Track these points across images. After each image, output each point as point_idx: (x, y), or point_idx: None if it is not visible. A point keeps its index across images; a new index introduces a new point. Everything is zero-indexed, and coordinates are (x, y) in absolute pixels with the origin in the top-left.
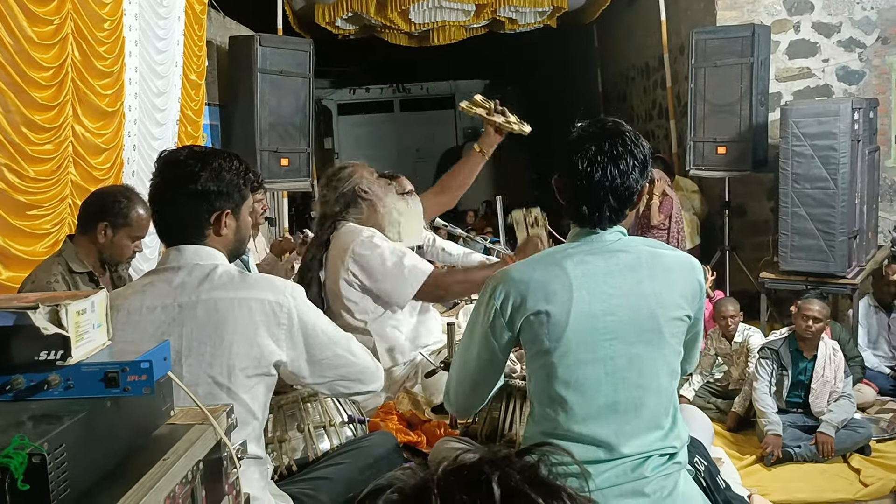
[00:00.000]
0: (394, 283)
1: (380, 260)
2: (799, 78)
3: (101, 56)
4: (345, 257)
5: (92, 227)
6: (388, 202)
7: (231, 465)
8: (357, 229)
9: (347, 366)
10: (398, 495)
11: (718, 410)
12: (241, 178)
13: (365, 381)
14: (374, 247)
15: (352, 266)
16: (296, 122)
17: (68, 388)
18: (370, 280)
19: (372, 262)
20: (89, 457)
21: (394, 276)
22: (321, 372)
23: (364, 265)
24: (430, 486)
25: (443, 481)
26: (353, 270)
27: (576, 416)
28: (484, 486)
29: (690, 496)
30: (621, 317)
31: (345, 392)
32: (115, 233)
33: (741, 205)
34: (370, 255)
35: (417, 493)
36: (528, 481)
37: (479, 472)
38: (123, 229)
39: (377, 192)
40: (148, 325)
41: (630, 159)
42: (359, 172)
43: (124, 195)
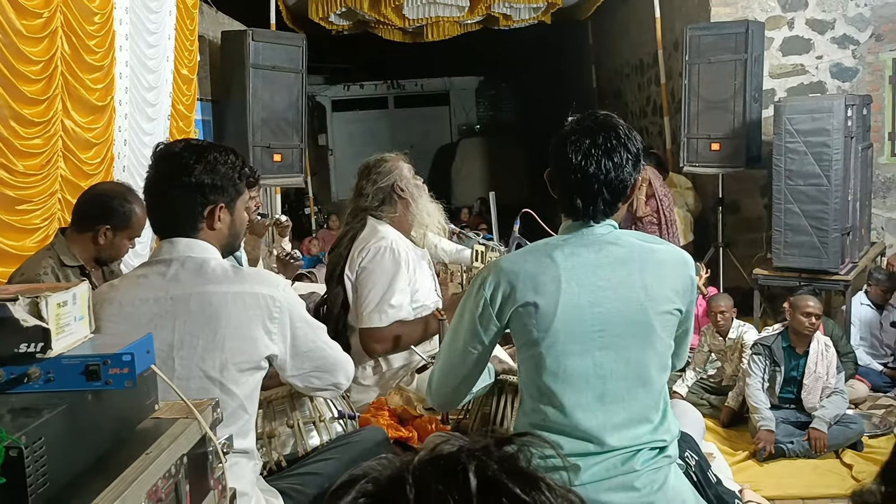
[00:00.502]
0: (360, 310)
1: (370, 282)
2: (792, 74)
3: (91, 50)
4: (355, 255)
5: (90, 227)
6: (420, 204)
7: (217, 459)
8: (378, 235)
9: (324, 357)
10: (373, 485)
11: (711, 406)
12: (237, 173)
13: (336, 372)
14: (377, 267)
15: (356, 266)
16: (289, 117)
17: (49, 381)
18: (355, 293)
19: (366, 279)
20: (69, 451)
21: (367, 304)
22: (300, 364)
23: (361, 276)
24: (405, 475)
25: (418, 470)
26: (353, 272)
27: (564, 408)
28: (460, 476)
29: (681, 490)
30: (610, 309)
31: (317, 384)
32: (115, 235)
33: (735, 201)
34: (369, 270)
35: (392, 482)
36: (506, 471)
37: (455, 461)
38: (124, 232)
39: (412, 193)
40: (141, 316)
41: (624, 152)
42: (398, 169)
43: (126, 198)
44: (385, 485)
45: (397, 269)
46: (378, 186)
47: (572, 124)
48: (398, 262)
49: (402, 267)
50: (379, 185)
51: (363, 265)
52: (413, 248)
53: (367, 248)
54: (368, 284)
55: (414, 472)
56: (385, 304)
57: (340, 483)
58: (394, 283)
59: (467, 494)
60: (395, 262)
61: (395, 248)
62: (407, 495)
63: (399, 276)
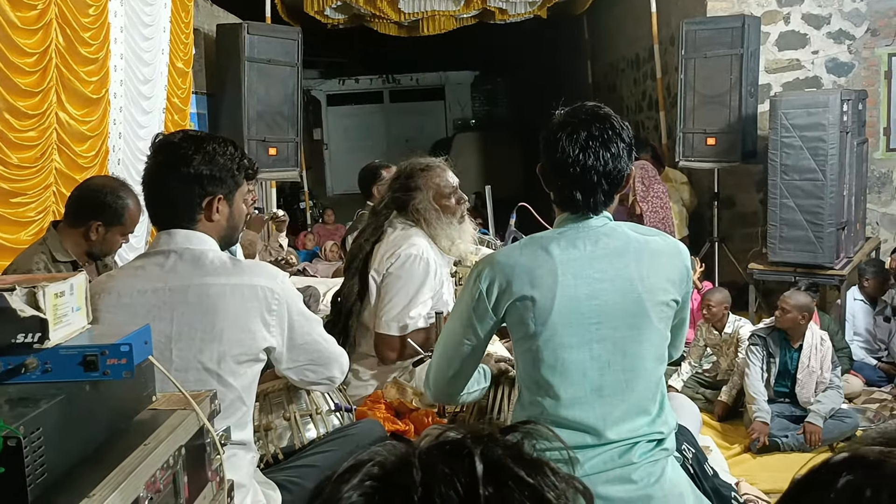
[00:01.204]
0: (379, 314)
1: (395, 289)
2: (788, 69)
3: (85, 42)
4: (384, 258)
5: (82, 222)
6: (439, 228)
7: (214, 451)
8: (409, 241)
9: (319, 350)
10: (379, 468)
11: (707, 401)
12: (236, 164)
13: (331, 366)
14: (404, 275)
15: (383, 269)
16: (284, 111)
17: (46, 371)
18: (377, 295)
19: (391, 285)
20: (67, 441)
21: (388, 311)
22: (296, 357)
23: (387, 281)
24: (411, 458)
25: (425, 454)
26: (379, 274)
27: (562, 400)
28: (466, 460)
29: (678, 483)
30: (607, 301)
31: (312, 377)
32: (107, 231)
33: (730, 196)
34: (396, 277)
35: (399, 465)
36: (512, 456)
37: (461, 446)
38: (116, 227)
39: (429, 219)
40: (139, 307)
41: (619, 142)
42: (424, 191)
43: (118, 193)
44: (392, 468)
45: (424, 279)
46: (395, 196)
47: (563, 117)
48: (427, 272)
49: (430, 277)
50: (397, 195)
51: (391, 270)
52: (441, 255)
53: (398, 254)
54: (392, 291)
55: (420, 455)
56: (405, 315)
57: (346, 467)
58: (419, 294)
59: (473, 477)
60: (424, 272)
61: (426, 257)
62: (413, 477)
63: (425, 288)
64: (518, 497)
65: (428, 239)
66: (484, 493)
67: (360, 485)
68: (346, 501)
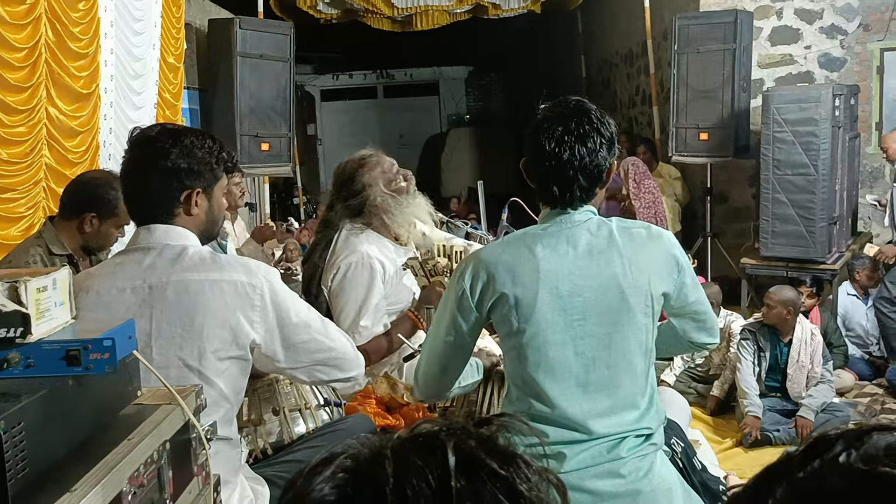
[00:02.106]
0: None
1: (342, 302)
2: (781, 64)
3: (75, 37)
4: (328, 272)
5: (76, 215)
6: (397, 216)
7: (200, 446)
8: (350, 248)
9: (324, 351)
10: (352, 461)
11: (699, 395)
12: (214, 157)
13: (343, 367)
14: (347, 286)
15: (328, 284)
16: (276, 106)
17: (29, 366)
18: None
19: (337, 299)
20: (50, 436)
21: (341, 324)
22: (297, 357)
23: (333, 295)
24: (384, 451)
25: (398, 447)
26: (327, 289)
27: (548, 397)
28: (439, 453)
29: (666, 477)
30: (589, 297)
31: (324, 379)
32: (101, 223)
33: (723, 191)
34: (340, 289)
35: (372, 457)
36: (484, 449)
37: (434, 439)
38: (111, 219)
39: (388, 207)
40: (118, 306)
41: (597, 137)
42: (373, 185)
43: (112, 185)
44: (364, 460)
45: (370, 284)
46: (348, 204)
47: (545, 112)
48: (372, 277)
49: (377, 280)
50: (349, 202)
51: (336, 284)
52: (394, 250)
53: (338, 266)
54: (341, 304)
55: (393, 448)
56: (360, 322)
57: (320, 459)
58: (368, 298)
59: (446, 470)
60: (369, 277)
61: (367, 262)
62: (386, 470)
63: (372, 292)
64: (490, 489)
65: (375, 238)
66: (456, 485)
67: (332, 477)
68: (317, 493)
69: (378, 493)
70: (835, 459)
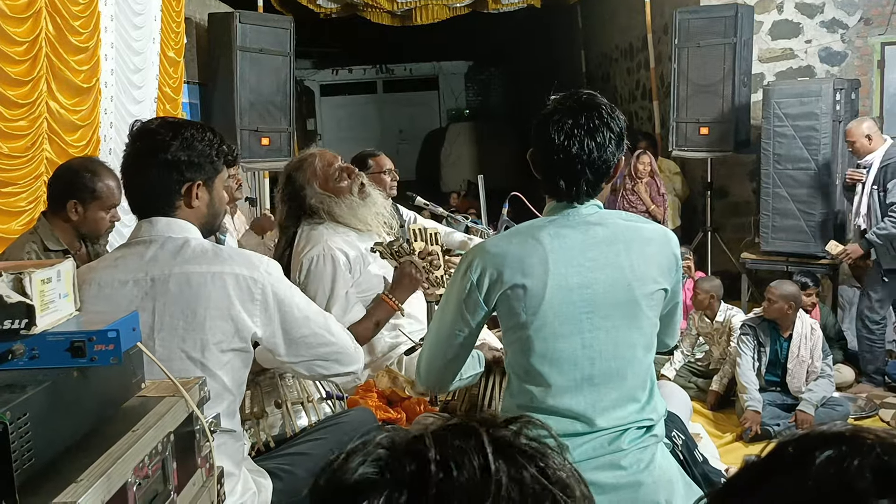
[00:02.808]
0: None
1: (310, 297)
2: (781, 59)
3: (75, 31)
4: (296, 266)
5: (61, 206)
6: (342, 212)
7: (204, 438)
8: (310, 244)
9: (325, 345)
10: (389, 442)
11: (699, 389)
12: (215, 150)
13: (343, 362)
14: (312, 281)
15: (297, 278)
16: (276, 100)
17: (33, 357)
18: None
19: (306, 292)
20: (55, 427)
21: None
22: (297, 351)
23: (302, 287)
24: (423, 434)
25: (435, 432)
26: (294, 283)
27: (552, 389)
28: (474, 437)
29: (667, 469)
30: (597, 290)
31: (323, 373)
32: (86, 208)
33: (723, 186)
34: (305, 286)
35: (410, 441)
36: (517, 438)
37: (468, 426)
38: (94, 203)
39: (328, 206)
40: (120, 299)
41: (606, 132)
42: (310, 184)
43: (87, 168)
44: (402, 444)
45: (335, 273)
46: (289, 206)
47: (555, 104)
48: (335, 268)
49: (340, 271)
50: (289, 205)
51: (302, 280)
52: (358, 236)
53: (301, 263)
54: (310, 297)
55: (430, 432)
56: (330, 313)
57: (354, 446)
58: (334, 289)
59: (484, 452)
60: (332, 269)
61: (328, 253)
62: (426, 446)
63: (338, 280)
64: (528, 472)
65: (335, 229)
66: (495, 464)
67: (370, 454)
68: (357, 474)
69: (421, 467)
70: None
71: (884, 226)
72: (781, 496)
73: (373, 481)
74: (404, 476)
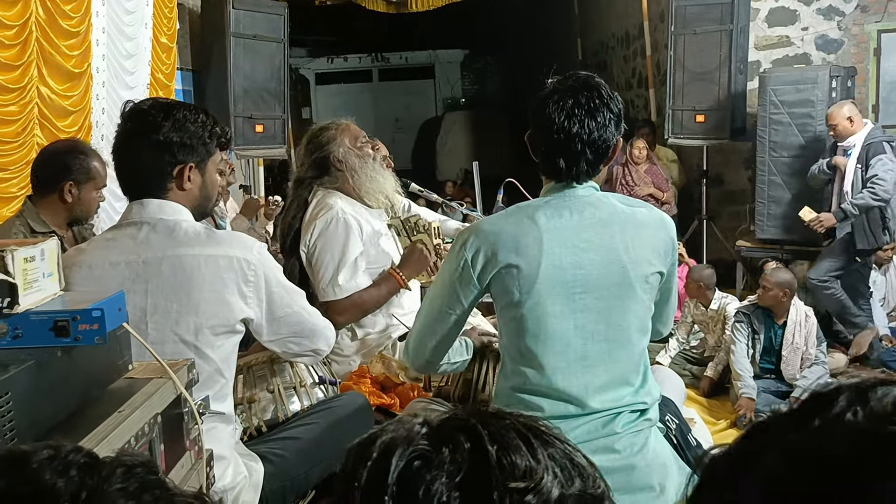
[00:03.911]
0: (317, 284)
1: (321, 257)
2: (778, 46)
3: (66, 15)
4: (306, 231)
5: (54, 188)
6: (364, 174)
7: (192, 420)
8: (326, 207)
9: (301, 322)
10: (429, 430)
11: (694, 377)
12: (207, 132)
13: (314, 338)
14: (326, 241)
15: (308, 242)
16: (270, 87)
17: (17, 337)
18: (310, 267)
19: (318, 255)
20: (38, 407)
21: (322, 279)
22: (277, 329)
23: (313, 253)
24: (456, 413)
25: (465, 412)
26: (306, 248)
27: (545, 369)
28: (505, 417)
29: (661, 453)
30: (591, 271)
31: (295, 350)
32: (80, 189)
33: (719, 174)
34: (319, 246)
35: (449, 421)
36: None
37: (489, 412)
38: (89, 183)
39: (352, 164)
40: (111, 280)
41: (606, 112)
42: (339, 139)
43: (79, 150)
44: (441, 420)
45: (347, 237)
46: (314, 158)
47: (554, 84)
48: (348, 230)
49: (354, 235)
50: (315, 156)
51: (313, 241)
52: (369, 212)
53: (315, 224)
54: (321, 260)
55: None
56: (339, 277)
57: (383, 439)
58: (345, 253)
59: (518, 429)
60: (345, 230)
61: (342, 217)
62: (471, 422)
63: (350, 245)
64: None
65: (348, 200)
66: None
67: (416, 435)
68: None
69: (477, 442)
70: (837, 419)
71: (862, 196)
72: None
73: (428, 458)
74: (463, 451)
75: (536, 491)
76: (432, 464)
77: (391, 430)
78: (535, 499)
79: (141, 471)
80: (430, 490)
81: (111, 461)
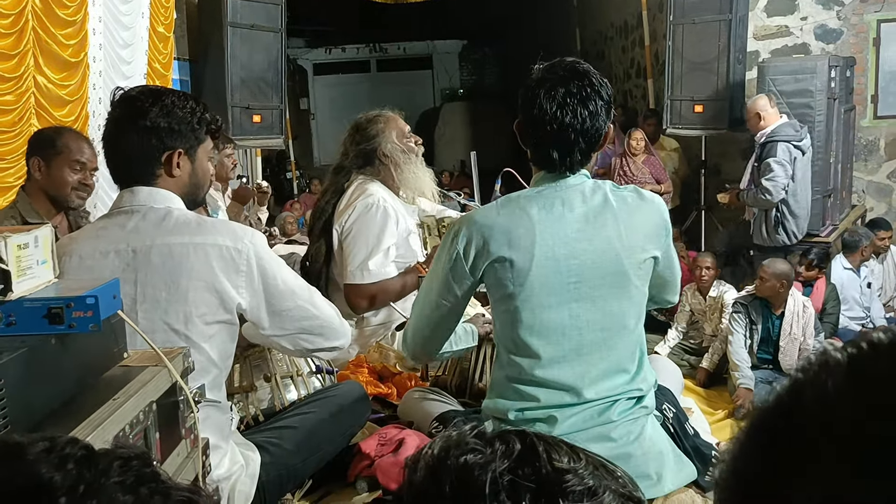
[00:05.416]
0: (346, 266)
1: (355, 241)
2: (777, 36)
3: (62, 4)
4: (342, 213)
5: (27, 168)
6: (407, 171)
7: (188, 408)
8: (366, 192)
9: (309, 318)
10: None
11: (691, 367)
12: (196, 118)
13: (328, 336)
14: (363, 225)
15: (343, 225)
16: (268, 77)
17: (10, 324)
18: (341, 249)
19: (353, 237)
20: (31, 394)
21: (352, 261)
22: (281, 324)
23: (348, 234)
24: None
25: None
26: (340, 229)
27: (541, 360)
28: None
29: (657, 441)
30: (585, 260)
31: (308, 347)
32: (48, 164)
33: (717, 164)
34: (356, 229)
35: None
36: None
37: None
38: (56, 159)
39: (397, 160)
40: (102, 270)
41: (598, 100)
42: (386, 133)
43: (51, 129)
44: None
45: (385, 224)
46: (360, 148)
47: (542, 73)
48: (386, 217)
49: (391, 223)
50: (361, 147)
51: (350, 224)
52: (404, 205)
53: (354, 206)
54: (353, 243)
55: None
56: (369, 262)
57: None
58: (381, 239)
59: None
60: (384, 217)
61: (382, 205)
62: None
63: (386, 232)
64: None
65: (387, 190)
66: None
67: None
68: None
69: (529, 444)
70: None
71: (754, 192)
72: None
73: (480, 451)
74: (513, 442)
75: (576, 473)
76: (485, 454)
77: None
78: (574, 479)
79: (137, 463)
80: (485, 472)
81: (107, 453)
